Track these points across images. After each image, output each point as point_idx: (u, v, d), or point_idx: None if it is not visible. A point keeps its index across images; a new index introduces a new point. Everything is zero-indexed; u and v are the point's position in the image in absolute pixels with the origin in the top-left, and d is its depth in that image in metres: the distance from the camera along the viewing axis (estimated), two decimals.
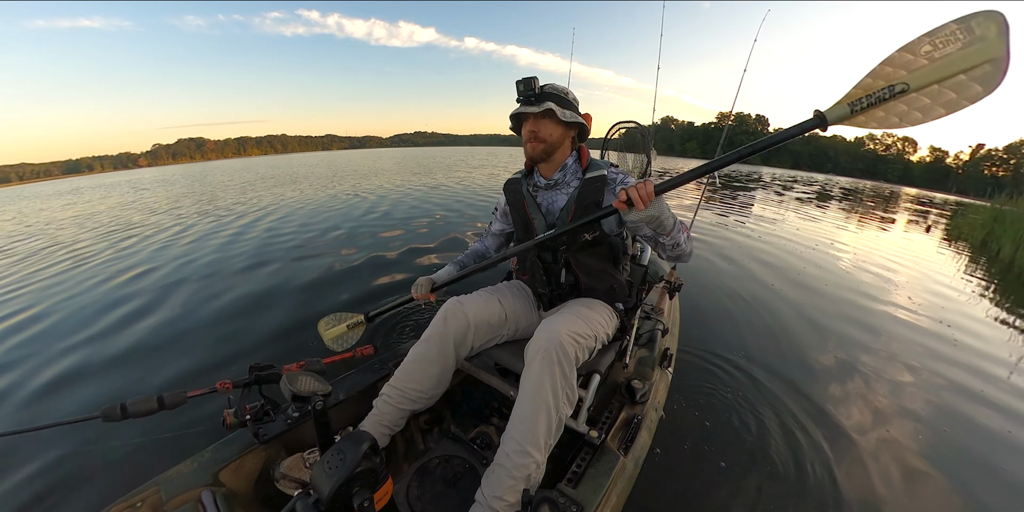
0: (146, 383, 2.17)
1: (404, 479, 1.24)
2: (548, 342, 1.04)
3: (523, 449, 1.00)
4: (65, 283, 4.08)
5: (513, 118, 1.29)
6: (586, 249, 1.30)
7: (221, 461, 1.07)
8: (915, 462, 1.76)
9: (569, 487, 1.05)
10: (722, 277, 4.04)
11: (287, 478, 1.09)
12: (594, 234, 1.27)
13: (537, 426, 1.01)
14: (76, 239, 6.43)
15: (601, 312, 1.28)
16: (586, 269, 1.32)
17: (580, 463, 1.14)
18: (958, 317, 3.49)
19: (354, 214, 7.10)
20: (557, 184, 1.32)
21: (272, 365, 1.17)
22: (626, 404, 1.42)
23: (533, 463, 1.00)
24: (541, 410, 1.01)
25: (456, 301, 1.30)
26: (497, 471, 1.01)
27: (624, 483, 1.15)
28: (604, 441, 1.20)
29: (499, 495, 0.97)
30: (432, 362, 1.25)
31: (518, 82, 1.20)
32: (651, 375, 1.59)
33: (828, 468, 1.67)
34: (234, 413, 1.05)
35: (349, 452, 0.71)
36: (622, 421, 1.33)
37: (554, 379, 1.02)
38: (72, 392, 2.12)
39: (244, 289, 3.49)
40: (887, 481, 1.64)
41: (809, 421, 1.95)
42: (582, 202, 1.25)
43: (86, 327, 2.88)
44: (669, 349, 1.75)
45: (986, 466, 1.78)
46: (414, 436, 1.50)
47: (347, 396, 1.36)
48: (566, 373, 1.04)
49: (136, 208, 10.14)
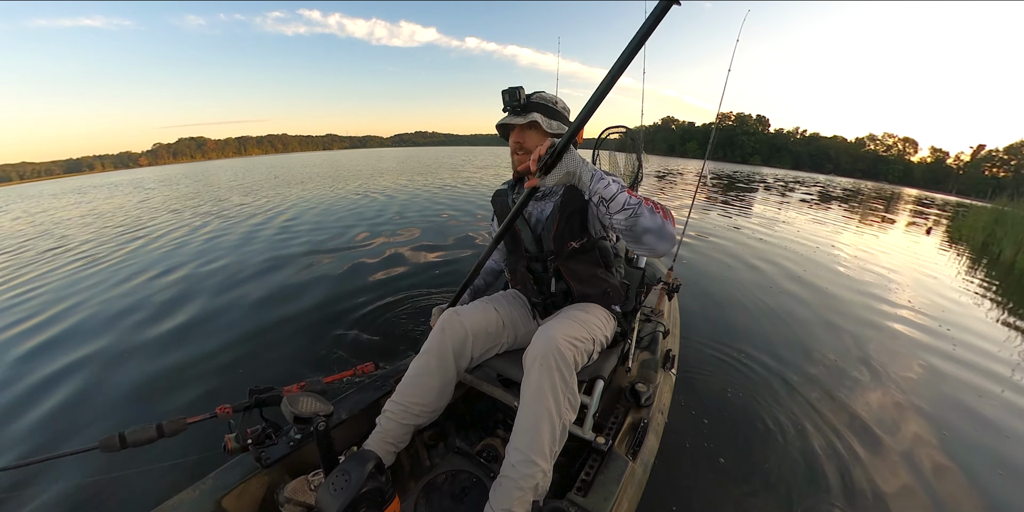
0: (162, 404, 2.15)
1: (411, 497, 1.22)
2: (545, 348, 1.03)
3: (528, 458, 0.98)
4: (77, 284, 4.16)
5: (499, 128, 1.28)
6: (575, 256, 1.30)
7: (223, 487, 1.05)
8: (928, 460, 1.77)
9: (579, 496, 1.04)
10: (727, 276, 4.07)
11: (291, 502, 1.07)
12: (582, 241, 1.27)
13: (541, 434, 0.99)
14: (89, 238, 6.55)
15: (597, 315, 1.27)
16: (577, 276, 1.32)
17: (588, 471, 1.12)
18: (958, 318, 3.52)
19: (366, 214, 7.33)
20: (545, 195, 1.32)
21: (272, 387, 1.16)
22: (631, 408, 1.41)
23: (540, 472, 0.98)
24: (543, 418, 1.00)
25: (452, 312, 1.29)
26: (504, 483, 0.99)
27: (634, 489, 1.13)
28: (612, 447, 1.18)
29: (508, 507, 0.95)
30: (433, 374, 1.23)
31: (504, 92, 1.18)
32: (655, 377, 1.58)
33: (841, 466, 1.67)
34: (235, 438, 1.04)
35: (354, 472, 0.70)
36: (628, 425, 1.32)
37: (554, 385, 1.01)
38: (75, 416, 2.08)
39: (253, 302, 3.47)
40: (901, 479, 1.64)
41: (817, 418, 1.95)
42: (565, 210, 1.25)
43: (93, 339, 2.85)
44: (671, 351, 1.75)
45: (997, 463, 1.79)
46: (419, 452, 1.47)
47: (349, 415, 1.35)
48: (566, 378, 1.03)
49: (146, 207, 10.36)
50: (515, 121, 1.19)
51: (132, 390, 2.32)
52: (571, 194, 1.25)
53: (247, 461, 1.11)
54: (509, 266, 1.45)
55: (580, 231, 1.27)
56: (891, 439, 1.87)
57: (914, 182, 67.04)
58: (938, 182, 65.39)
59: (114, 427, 1.96)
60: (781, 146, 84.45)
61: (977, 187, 10.90)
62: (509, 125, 1.23)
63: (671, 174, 20.52)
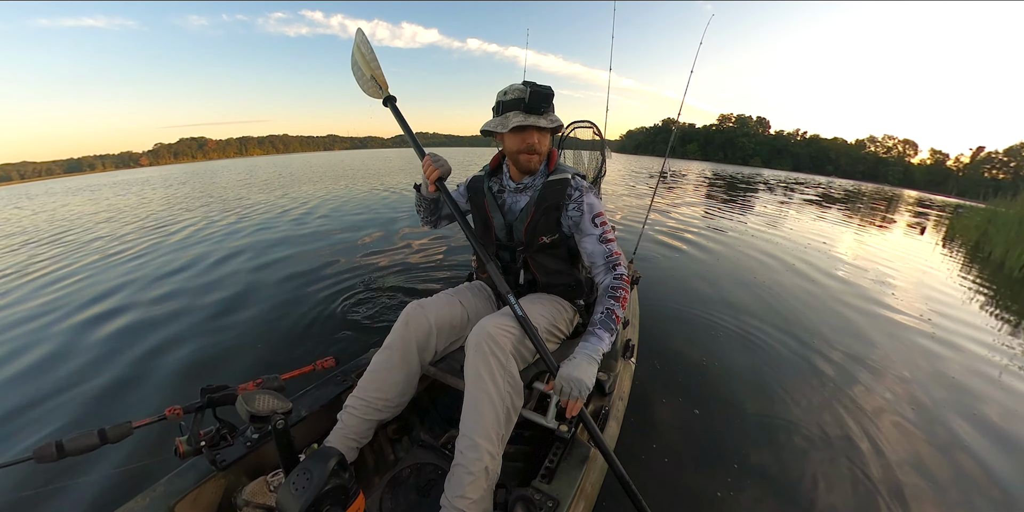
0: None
1: (376, 492, 1.21)
2: (477, 336, 1.08)
3: (473, 442, 1.00)
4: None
5: (515, 127, 1.20)
6: (544, 250, 1.32)
7: (176, 493, 1.00)
8: (898, 443, 1.87)
9: (543, 483, 1.06)
10: (703, 268, 4.22)
11: (251, 505, 1.04)
12: (552, 237, 1.29)
13: (483, 417, 1.01)
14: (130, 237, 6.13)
15: (549, 306, 1.31)
16: (544, 269, 1.34)
17: (552, 458, 1.15)
18: (947, 312, 3.72)
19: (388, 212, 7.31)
20: (526, 187, 1.33)
21: (226, 386, 1.11)
22: (593, 396, 1.45)
23: (487, 454, 1.00)
24: (483, 401, 1.02)
25: (417, 305, 1.29)
26: (456, 471, 1.00)
27: (597, 474, 1.17)
28: (574, 434, 1.22)
29: (460, 494, 0.96)
30: (396, 369, 1.22)
31: (532, 93, 1.14)
32: (615, 366, 1.63)
33: (799, 451, 1.77)
34: (187, 440, 0.99)
35: (316, 470, 0.69)
36: (590, 413, 1.36)
37: (490, 369, 1.04)
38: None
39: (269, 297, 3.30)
40: (856, 465, 1.73)
41: (774, 405, 2.07)
42: (542, 204, 1.25)
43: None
44: (631, 340, 1.81)
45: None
46: (383, 447, 1.46)
47: (309, 412, 1.31)
48: (502, 362, 1.06)
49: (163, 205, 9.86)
50: (543, 125, 1.18)
51: (74, 394, 2.17)
52: (549, 189, 1.26)
53: (201, 464, 1.07)
54: (478, 255, 1.46)
55: (554, 227, 1.28)
56: (864, 428, 1.95)
57: (914, 184, 67.45)
58: (938, 184, 64.95)
59: (50, 435, 1.83)
60: (781, 148, 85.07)
61: (976, 189, 11.62)
62: (531, 126, 1.19)
63: (674, 174, 20.99)
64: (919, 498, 1.57)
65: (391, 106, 1.38)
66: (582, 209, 1.25)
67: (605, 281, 1.22)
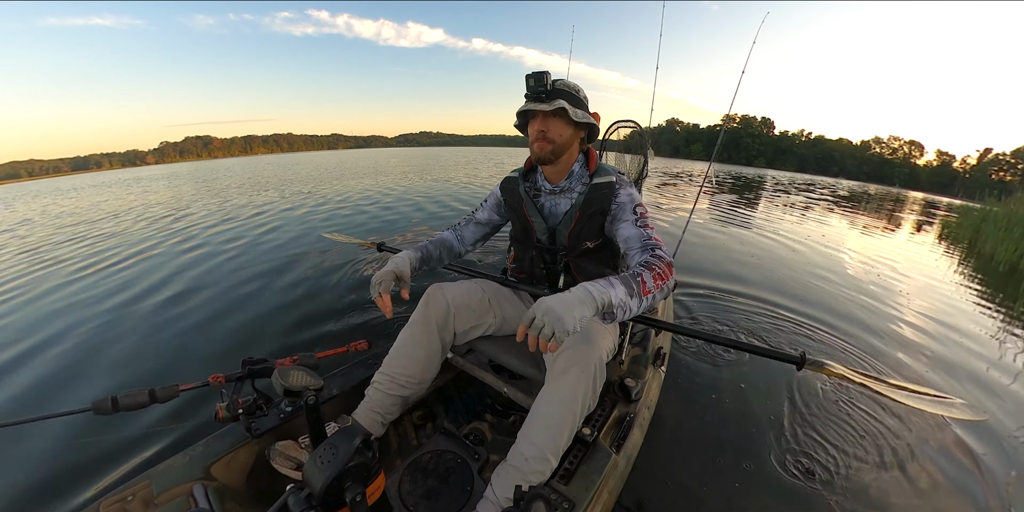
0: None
1: (397, 474, 1.25)
2: (587, 357, 1.02)
3: (543, 456, 1.01)
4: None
5: (520, 115, 1.21)
6: (587, 255, 1.29)
7: (213, 455, 1.06)
8: (917, 462, 1.76)
9: (561, 484, 1.05)
10: (731, 272, 4.07)
11: (283, 455, 1.10)
12: (596, 242, 1.25)
13: (561, 436, 1.02)
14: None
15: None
16: (586, 273, 1.31)
17: (572, 460, 1.14)
18: (945, 307, 3.55)
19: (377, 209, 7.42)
20: (563, 190, 1.28)
21: (265, 359, 1.17)
22: (619, 402, 1.42)
23: (549, 469, 1.02)
24: (567, 421, 1.02)
25: (437, 286, 1.33)
26: (511, 472, 1.01)
27: (615, 481, 1.15)
28: (596, 439, 1.20)
29: (509, 496, 0.97)
30: (418, 345, 1.27)
31: (528, 76, 1.11)
32: (644, 374, 1.59)
33: (821, 465, 1.68)
34: (226, 407, 1.05)
35: (342, 446, 0.71)
36: (615, 419, 1.34)
37: (586, 393, 1.02)
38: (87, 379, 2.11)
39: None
40: (887, 481, 1.64)
41: (796, 416, 1.97)
42: (587, 209, 1.21)
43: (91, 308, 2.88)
44: (662, 348, 1.76)
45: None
46: (407, 431, 1.50)
47: (340, 391, 1.36)
48: (597, 388, 1.05)
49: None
50: (540, 107, 1.11)
51: (128, 356, 2.36)
52: (595, 192, 1.21)
53: (237, 430, 1.13)
54: (516, 254, 1.45)
55: (598, 232, 1.24)
56: (894, 435, 1.85)
57: (920, 185, 65.81)
58: (944, 186, 63.50)
59: (107, 391, 1.99)
60: (786, 148, 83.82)
61: (983, 191, 10.77)
62: (532, 111, 1.16)
63: (682, 174, 20.36)
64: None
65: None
66: (622, 200, 1.19)
67: (639, 258, 1.05)
